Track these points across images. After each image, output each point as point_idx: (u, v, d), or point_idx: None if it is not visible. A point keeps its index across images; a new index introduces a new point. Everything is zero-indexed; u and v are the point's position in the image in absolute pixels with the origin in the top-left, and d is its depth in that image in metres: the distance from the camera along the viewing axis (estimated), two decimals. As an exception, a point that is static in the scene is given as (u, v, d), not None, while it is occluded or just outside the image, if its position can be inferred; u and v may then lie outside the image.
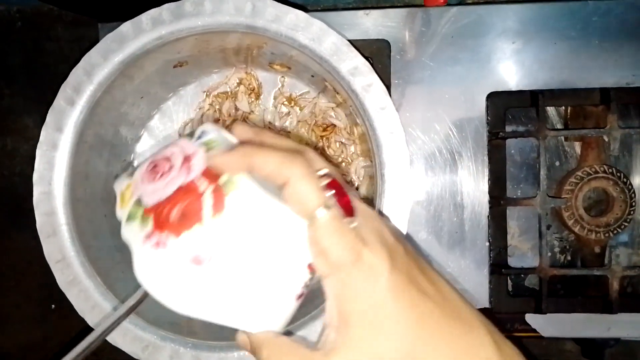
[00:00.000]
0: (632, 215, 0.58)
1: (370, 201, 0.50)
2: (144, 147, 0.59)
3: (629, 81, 0.58)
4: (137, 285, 0.52)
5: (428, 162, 0.59)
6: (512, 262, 0.61)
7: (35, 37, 0.77)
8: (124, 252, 0.54)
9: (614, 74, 0.58)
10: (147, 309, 0.49)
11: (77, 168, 0.49)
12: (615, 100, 0.56)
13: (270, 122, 0.60)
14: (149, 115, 0.58)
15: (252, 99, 0.59)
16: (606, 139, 0.57)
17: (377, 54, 0.58)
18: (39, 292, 0.76)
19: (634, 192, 0.58)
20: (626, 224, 0.58)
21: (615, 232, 0.58)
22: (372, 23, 0.60)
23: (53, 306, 0.76)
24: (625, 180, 0.57)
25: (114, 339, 0.47)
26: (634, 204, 0.58)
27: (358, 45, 0.56)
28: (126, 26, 0.47)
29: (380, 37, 0.58)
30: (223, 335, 0.49)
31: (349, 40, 0.47)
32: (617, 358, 0.81)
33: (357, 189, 0.60)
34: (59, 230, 0.47)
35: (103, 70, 0.47)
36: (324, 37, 0.45)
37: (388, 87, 0.57)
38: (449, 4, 0.60)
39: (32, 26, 0.76)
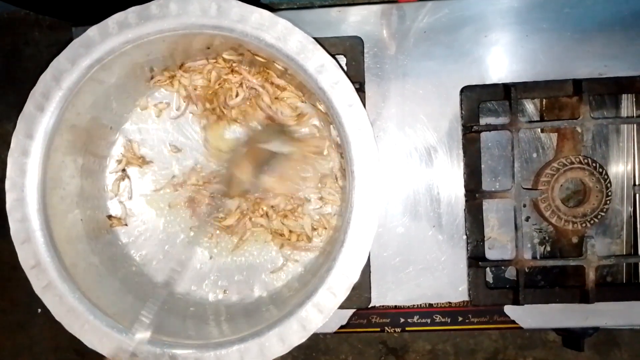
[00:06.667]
0: (609, 205, 0.58)
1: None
2: (119, 149, 0.59)
3: (602, 72, 0.58)
4: (115, 290, 0.53)
5: (403, 157, 0.59)
6: (493, 254, 0.61)
7: (13, 42, 0.77)
8: (101, 256, 0.54)
9: (587, 65, 0.59)
10: (123, 312, 0.50)
11: (50, 174, 0.49)
12: (587, 91, 0.56)
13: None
14: (124, 118, 0.58)
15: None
16: (579, 130, 0.58)
17: (350, 51, 0.58)
18: (25, 297, 0.76)
19: (609, 182, 0.58)
20: (603, 213, 0.58)
21: (592, 222, 0.58)
22: (345, 20, 0.60)
23: (39, 310, 0.77)
24: (601, 170, 0.58)
25: (91, 342, 0.47)
26: (610, 193, 0.58)
27: (331, 43, 0.57)
28: (93, 31, 0.47)
29: (354, 35, 0.59)
30: (200, 336, 0.50)
31: (319, 38, 0.48)
32: (598, 346, 0.82)
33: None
34: (33, 236, 0.48)
35: (71, 75, 0.47)
36: (289, 36, 0.46)
37: (362, 84, 0.58)
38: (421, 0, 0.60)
39: (9, 31, 0.76)
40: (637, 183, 0.61)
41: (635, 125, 0.61)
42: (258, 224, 0.58)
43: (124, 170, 0.58)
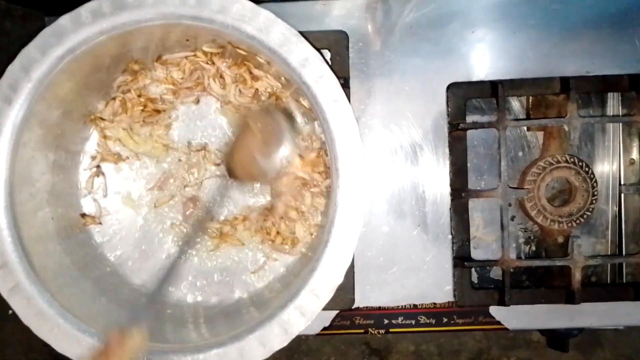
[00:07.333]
0: (594, 205, 0.57)
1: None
2: (94, 146, 0.56)
3: (589, 70, 0.58)
4: (88, 292, 0.51)
5: (388, 155, 0.58)
6: (478, 254, 0.61)
7: (-17, 32, 0.74)
8: (73, 256, 0.52)
9: (574, 63, 0.58)
10: (96, 315, 0.48)
11: (19, 170, 0.46)
12: (574, 89, 0.55)
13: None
14: (99, 112, 0.56)
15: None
16: (566, 129, 0.57)
17: (335, 45, 0.56)
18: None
19: (595, 181, 0.57)
20: (589, 213, 0.57)
21: (577, 221, 0.57)
22: (330, 14, 0.58)
23: (10, 312, 0.74)
24: (587, 169, 0.57)
25: (61, 346, 0.45)
26: (595, 193, 0.57)
27: (315, 37, 0.55)
28: (65, 19, 0.44)
29: (338, 29, 0.57)
30: (178, 339, 0.48)
31: (303, 32, 0.46)
32: (583, 347, 0.82)
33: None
34: (0, 236, 0.45)
35: (42, 66, 0.45)
36: (272, 27, 0.44)
37: (347, 80, 0.56)
38: (408, -7, 0.59)
39: (-21, 21, 0.73)
40: (622, 182, 0.60)
41: (620, 124, 0.61)
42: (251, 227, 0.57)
43: (98, 166, 0.56)
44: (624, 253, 0.60)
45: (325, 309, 0.46)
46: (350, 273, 0.55)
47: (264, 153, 0.52)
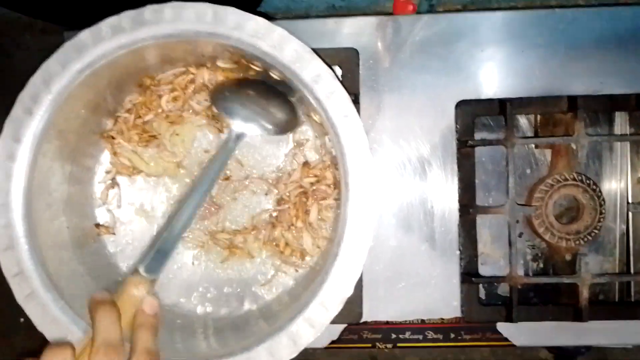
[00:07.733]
0: (602, 223, 0.58)
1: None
2: (108, 157, 0.57)
3: (597, 89, 0.58)
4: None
5: (397, 171, 0.59)
6: (485, 270, 0.61)
7: (3, 45, 0.76)
8: (87, 265, 0.53)
9: (582, 82, 0.59)
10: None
11: (37, 180, 0.47)
12: (582, 107, 0.56)
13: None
14: (109, 129, 0.57)
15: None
16: (574, 147, 0.57)
17: (346, 62, 0.57)
18: (7, 305, 0.74)
19: (603, 199, 0.58)
20: (596, 231, 0.58)
21: (585, 239, 0.58)
22: (341, 32, 0.60)
23: (22, 319, 0.74)
24: (594, 187, 0.57)
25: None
26: (603, 211, 0.57)
27: (327, 53, 0.56)
28: (85, 34, 0.46)
29: (350, 46, 0.58)
30: (188, 350, 0.49)
31: (315, 49, 0.47)
32: (590, 365, 0.82)
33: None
34: (17, 243, 0.46)
35: (62, 79, 0.46)
36: (285, 44, 0.45)
37: (357, 96, 0.57)
38: (419, 12, 0.60)
39: (0, 34, 0.75)
40: (630, 201, 0.61)
41: (628, 143, 0.61)
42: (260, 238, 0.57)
43: (113, 178, 0.57)
44: (631, 271, 0.60)
45: (333, 322, 0.46)
46: (359, 287, 0.56)
47: None
